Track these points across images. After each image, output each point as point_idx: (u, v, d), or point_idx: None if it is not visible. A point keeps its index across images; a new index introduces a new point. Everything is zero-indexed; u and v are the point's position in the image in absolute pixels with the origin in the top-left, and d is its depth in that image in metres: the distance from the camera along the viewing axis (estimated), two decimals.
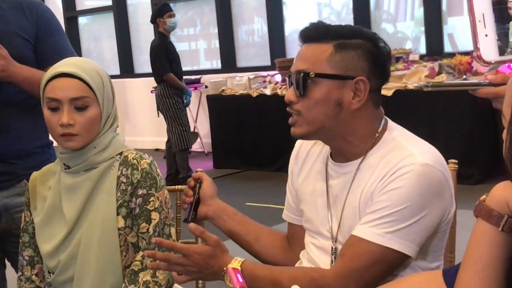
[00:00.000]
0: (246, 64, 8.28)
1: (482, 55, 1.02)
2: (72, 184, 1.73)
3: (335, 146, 1.60)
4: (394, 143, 1.53)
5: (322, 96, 1.51)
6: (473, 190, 4.13)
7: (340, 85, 1.51)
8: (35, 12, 2.08)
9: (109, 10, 9.59)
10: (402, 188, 1.44)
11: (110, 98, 1.74)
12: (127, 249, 1.72)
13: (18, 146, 2.08)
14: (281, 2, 8.04)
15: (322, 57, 1.52)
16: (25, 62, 2.02)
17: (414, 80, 5.86)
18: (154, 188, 1.71)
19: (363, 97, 1.52)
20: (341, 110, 1.52)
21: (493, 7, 1.01)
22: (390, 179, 1.46)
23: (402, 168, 1.46)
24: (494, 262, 1.02)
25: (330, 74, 1.51)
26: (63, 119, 1.67)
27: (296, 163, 1.73)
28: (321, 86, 1.52)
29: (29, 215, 1.82)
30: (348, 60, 1.52)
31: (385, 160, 1.50)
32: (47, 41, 2.09)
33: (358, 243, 1.46)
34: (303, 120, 1.54)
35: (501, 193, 1.02)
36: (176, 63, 6.50)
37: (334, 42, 1.53)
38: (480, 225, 1.03)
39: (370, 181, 1.51)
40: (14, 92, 2.04)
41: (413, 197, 1.44)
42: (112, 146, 1.75)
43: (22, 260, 1.83)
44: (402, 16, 7.40)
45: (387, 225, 1.44)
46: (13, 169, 2.07)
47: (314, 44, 1.55)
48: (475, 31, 1.01)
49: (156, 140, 8.55)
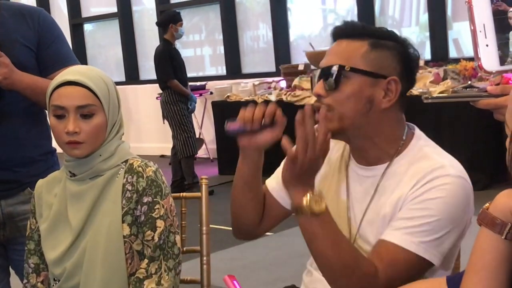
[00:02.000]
0: (251, 70, 8.30)
1: (483, 65, 1.03)
2: (78, 191, 1.74)
3: (360, 147, 1.58)
4: (422, 153, 1.53)
5: (354, 91, 1.51)
6: (478, 196, 4.12)
7: (372, 82, 1.52)
8: (37, 19, 2.09)
9: (115, 17, 9.63)
10: (441, 199, 1.44)
11: (116, 106, 1.75)
12: (132, 257, 1.72)
13: (22, 153, 2.08)
14: (286, 8, 8.06)
15: (357, 53, 1.52)
16: (27, 70, 2.02)
17: (419, 85, 5.85)
18: (159, 196, 1.72)
19: (394, 97, 1.52)
20: (371, 108, 1.52)
21: (494, 17, 1.01)
22: (425, 188, 1.46)
23: (438, 178, 1.45)
24: (498, 269, 1.02)
25: (365, 70, 1.51)
26: (69, 127, 1.68)
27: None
28: (354, 81, 1.52)
29: (35, 223, 1.82)
30: (383, 59, 1.53)
31: (414, 168, 1.50)
32: (49, 49, 2.09)
33: (395, 249, 1.45)
34: (334, 115, 1.52)
35: (504, 201, 1.02)
36: (181, 69, 6.51)
37: (369, 40, 1.53)
38: (484, 233, 1.04)
39: (398, 188, 1.50)
40: (17, 100, 2.04)
41: (449, 209, 1.44)
42: (118, 154, 1.75)
43: (28, 268, 1.83)
44: (407, 21, 7.41)
45: (423, 234, 1.43)
46: (17, 177, 2.07)
47: (348, 41, 1.55)
48: (476, 41, 1.02)
49: (161, 146, 8.57)
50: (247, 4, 8.55)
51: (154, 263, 1.70)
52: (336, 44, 1.57)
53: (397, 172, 1.52)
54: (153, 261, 1.70)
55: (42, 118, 2.17)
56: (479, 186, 5.24)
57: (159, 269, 1.70)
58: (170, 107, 6.43)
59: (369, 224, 1.54)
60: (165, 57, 6.41)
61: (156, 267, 1.70)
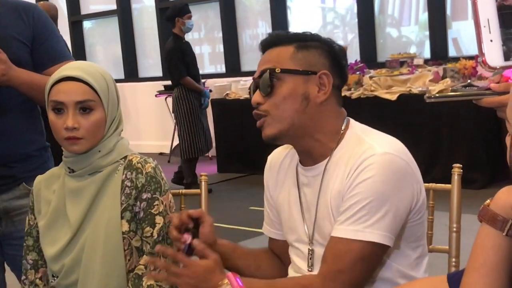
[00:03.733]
0: (251, 68, 8.29)
1: (487, 60, 1.02)
2: (77, 187, 1.73)
3: (304, 146, 1.62)
4: (355, 139, 1.57)
5: (289, 91, 1.56)
6: (478, 195, 4.12)
7: (305, 80, 1.57)
8: (31, 15, 2.09)
9: (114, 14, 9.61)
10: (369, 180, 1.47)
11: (115, 102, 1.75)
12: (131, 253, 1.72)
13: (17, 149, 2.08)
14: (286, 7, 8.05)
15: (285, 56, 1.59)
16: (22, 66, 2.03)
17: (419, 84, 5.85)
18: (159, 192, 1.72)
19: (328, 89, 1.57)
20: (308, 104, 1.57)
21: (498, 12, 1.01)
22: (356, 173, 1.49)
23: (365, 161, 1.49)
24: (499, 266, 1.02)
25: (295, 69, 1.57)
26: (68, 122, 1.68)
27: (270, 176, 1.75)
28: (287, 82, 1.57)
29: (33, 219, 1.82)
30: (310, 57, 1.59)
31: (349, 156, 1.54)
32: (44, 45, 2.10)
33: (338, 243, 1.48)
34: (272, 120, 1.58)
35: (505, 197, 1.02)
36: (193, 64, 6.26)
37: (295, 44, 1.60)
38: (485, 229, 1.03)
39: (337, 180, 1.54)
40: (12, 96, 2.05)
41: (379, 187, 1.47)
42: (117, 150, 1.75)
43: (26, 264, 1.83)
44: (407, 20, 7.40)
45: (362, 220, 1.46)
46: (12, 173, 2.08)
47: (275, 48, 1.61)
48: (480, 36, 1.01)
49: (160, 144, 8.56)
50: (247, 2, 8.54)
51: None
52: (264, 54, 1.64)
53: (336, 164, 1.56)
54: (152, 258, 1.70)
55: (36, 114, 2.18)
56: (479, 184, 5.25)
57: (154, 270, 1.69)
58: (182, 104, 6.19)
59: (322, 221, 1.57)
60: (176, 54, 6.16)
61: (151, 268, 1.69)
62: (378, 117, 5.08)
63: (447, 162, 1.93)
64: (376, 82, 5.98)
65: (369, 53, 7.15)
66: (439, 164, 5.33)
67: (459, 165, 1.79)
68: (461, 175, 1.78)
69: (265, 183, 1.78)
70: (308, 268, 1.61)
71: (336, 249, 1.48)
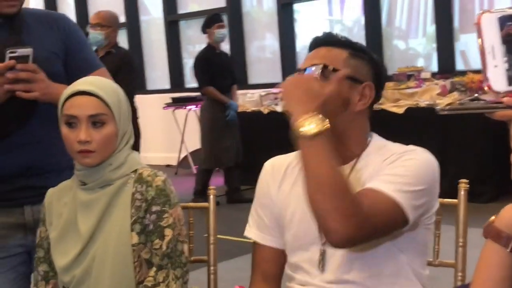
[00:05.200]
0: (258, 81, 8.32)
1: (492, 85, 1.04)
2: (88, 200, 1.76)
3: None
4: (377, 145, 1.64)
5: (334, 92, 1.58)
6: (485, 208, 4.11)
7: (350, 86, 1.62)
8: (62, 26, 2.09)
9: (122, 27, 9.66)
10: (416, 160, 1.55)
11: (126, 116, 1.77)
12: (140, 265, 1.74)
13: (52, 160, 2.07)
14: (293, 19, 8.09)
15: (339, 58, 1.63)
16: (57, 78, 2.02)
17: (426, 98, 5.86)
18: (168, 205, 1.73)
19: (368, 101, 1.62)
20: (346, 109, 1.61)
21: (503, 38, 1.03)
22: (399, 156, 1.56)
23: (408, 151, 1.58)
24: (503, 282, 1.03)
25: (346, 74, 1.61)
26: (81, 136, 1.70)
27: (273, 180, 1.74)
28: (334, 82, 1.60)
29: (45, 231, 1.84)
30: (360, 66, 1.64)
31: (382, 152, 1.60)
32: (78, 56, 2.10)
33: (375, 192, 1.50)
34: None
35: (510, 215, 1.03)
36: (223, 75, 6.17)
37: (348, 49, 1.65)
38: (489, 246, 1.05)
39: (369, 170, 1.59)
40: (48, 106, 2.01)
41: (423, 170, 1.54)
42: (128, 163, 1.77)
43: (37, 275, 1.85)
44: (414, 32, 7.41)
45: (401, 184, 1.51)
46: (47, 183, 2.06)
47: (328, 48, 1.65)
48: (484, 62, 1.03)
49: (168, 156, 8.58)
50: (254, 14, 8.58)
51: (162, 271, 1.72)
52: (315, 51, 1.67)
53: (366, 163, 1.62)
54: (161, 270, 1.72)
55: None
56: (486, 198, 5.24)
57: (167, 278, 1.71)
58: (205, 114, 6.20)
59: None
60: (201, 63, 6.17)
61: (164, 276, 1.71)
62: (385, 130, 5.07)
63: (455, 176, 1.94)
64: (383, 95, 5.98)
65: None
66: (447, 177, 5.28)
67: (465, 180, 1.80)
68: (468, 190, 1.80)
69: (262, 188, 1.77)
70: (319, 270, 1.61)
71: (372, 197, 1.49)
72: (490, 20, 1.03)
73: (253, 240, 1.77)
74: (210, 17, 6.39)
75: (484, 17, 1.03)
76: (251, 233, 1.78)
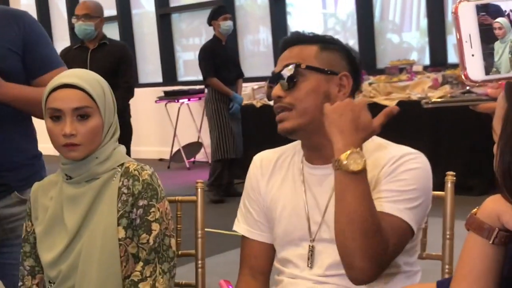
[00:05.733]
0: (251, 74, 8.29)
1: (469, 74, 1.04)
2: (74, 194, 1.74)
3: (318, 144, 1.63)
4: (375, 143, 1.62)
5: (312, 88, 1.61)
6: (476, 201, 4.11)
7: (327, 79, 1.63)
8: (22, 23, 2.06)
9: (114, 20, 9.63)
10: (415, 170, 1.55)
11: (111, 108, 1.76)
12: (127, 260, 1.73)
13: (10, 158, 2.07)
14: (286, 12, 8.07)
15: (310, 54, 1.64)
16: (15, 75, 2.01)
17: (418, 91, 5.86)
18: (155, 199, 1.73)
19: (347, 90, 1.63)
20: (328, 102, 1.59)
21: (479, 28, 1.03)
22: (400, 162, 1.55)
23: (408, 154, 1.57)
24: (486, 274, 1.03)
25: (320, 68, 1.62)
26: (65, 129, 1.69)
27: (262, 175, 1.74)
28: (310, 79, 1.62)
29: (31, 225, 1.83)
30: (333, 58, 1.65)
31: (375, 156, 1.58)
32: (36, 52, 2.07)
33: (382, 216, 1.49)
34: (295, 113, 1.61)
35: (492, 206, 1.03)
36: (227, 67, 6.16)
37: (318, 44, 1.66)
38: (472, 237, 1.05)
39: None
40: (3, 105, 2.02)
41: (423, 180, 1.56)
42: (114, 157, 1.76)
43: (23, 270, 1.84)
44: (408, 26, 7.41)
45: (406, 202, 1.52)
46: (4, 181, 2.06)
47: (299, 46, 1.67)
48: (462, 51, 1.03)
49: (160, 150, 8.57)
50: (247, 8, 8.56)
51: (149, 266, 1.71)
52: (287, 51, 1.68)
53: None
54: (148, 264, 1.71)
55: (28, 122, 2.16)
56: (478, 191, 5.25)
57: (153, 272, 1.71)
58: (209, 106, 6.16)
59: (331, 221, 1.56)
60: (206, 54, 6.14)
61: (151, 270, 1.71)
62: None
63: (445, 169, 1.94)
64: (375, 89, 6.00)
65: (369, 59, 7.16)
66: (438, 170, 5.29)
67: (452, 173, 1.80)
68: (456, 182, 1.80)
69: (251, 182, 1.77)
70: (308, 265, 1.62)
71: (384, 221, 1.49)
72: (467, 9, 1.03)
73: (242, 235, 1.77)
74: (215, 9, 6.41)
75: (462, 6, 1.03)
76: (240, 227, 1.78)
